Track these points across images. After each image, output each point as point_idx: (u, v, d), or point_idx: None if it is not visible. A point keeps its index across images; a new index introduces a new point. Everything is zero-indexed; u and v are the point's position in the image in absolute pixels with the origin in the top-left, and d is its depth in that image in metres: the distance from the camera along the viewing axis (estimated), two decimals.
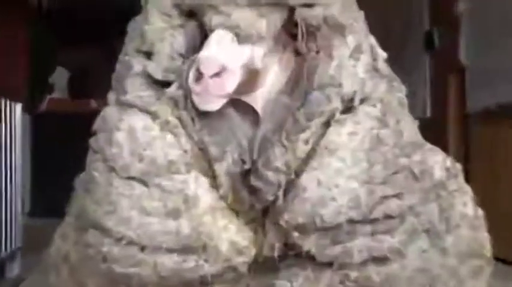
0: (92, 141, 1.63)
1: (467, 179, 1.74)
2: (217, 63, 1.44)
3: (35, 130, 6.33)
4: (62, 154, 6.01)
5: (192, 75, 1.47)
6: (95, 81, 7.29)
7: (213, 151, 1.53)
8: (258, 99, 1.54)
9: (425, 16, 4.68)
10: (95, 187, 1.56)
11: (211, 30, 1.50)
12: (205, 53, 1.46)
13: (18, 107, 3.86)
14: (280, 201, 1.51)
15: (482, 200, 1.73)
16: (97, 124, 1.63)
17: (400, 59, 4.68)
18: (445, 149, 1.73)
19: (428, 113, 4.56)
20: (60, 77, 7.15)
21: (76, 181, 1.70)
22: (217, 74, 1.44)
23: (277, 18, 1.52)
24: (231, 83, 1.46)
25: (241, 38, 1.49)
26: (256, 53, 1.51)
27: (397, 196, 1.53)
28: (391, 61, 1.66)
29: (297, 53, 1.56)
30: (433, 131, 1.67)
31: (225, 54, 1.46)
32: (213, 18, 1.50)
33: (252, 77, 1.52)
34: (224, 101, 1.49)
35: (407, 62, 4.59)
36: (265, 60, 1.53)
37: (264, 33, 1.51)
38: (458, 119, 4.32)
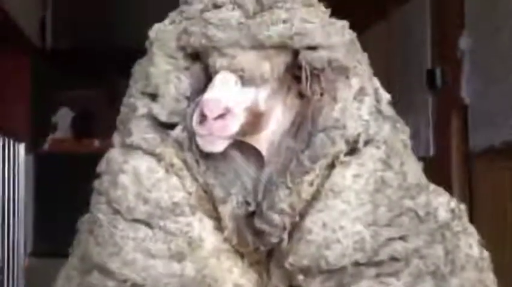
0: (96, 183, 1.63)
1: (471, 219, 1.74)
2: (221, 105, 1.45)
3: (38, 170, 6.33)
4: (65, 194, 6.00)
5: (196, 117, 1.48)
6: (99, 121, 7.33)
7: (218, 193, 1.53)
8: (262, 141, 1.55)
9: (427, 54, 4.69)
10: (99, 229, 1.56)
11: (216, 73, 1.52)
12: (209, 95, 1.47)
13: (22, 147, 3.87)
14: (285, 243, 1.51)
15: (487, 240, 1.73)
16: (102, 166, 1.64)
17: (402, 97, 4.69)
18: (448, 188, 1.73)
19: (432, 152, 4.55)
20: (63, 117, 7.17)
21: (79, 222, 1.70)
22: (220, 116, 1.45)
23: (281, 61, 1.53)
24: (234, 125, 1.47)
25: (245, 80, 1.50)
26: (260, 95, 1.53)
27: (402, 238, 1.53)
28: (392, 100, 1.67)
29: (301, 95, 1.57)
30: (436, 170, 1.67)
31: (228, 97, 1.47)
32: (218, 61, 1.51)
33: (255, 119, 1.53)
34: (227, 142, 1.50)
35: (410, 101, 4.60)
36: (269, 102, 1.54)
37: (267, 76, 1.52)
38: (461, 158, 4.31)
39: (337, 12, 1.64)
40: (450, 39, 4.33)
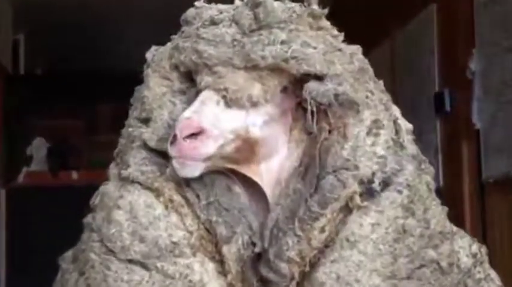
0: (88, 219, 1.60)
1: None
2: (193, 124, 1.43)
3: (11, 205, 6.31)
4: (40, 231, 5.99)
5: (170, 138, 1.46)
6: (76, 151, 7.33)
7: (222, 230, 1.50)
8: (264, 175, 1.53)
9: (434, 76, 4.67)
10: (91, 270, 1.52)
11: (200, 91, 1.50)
12: (184, 114, 1.45)
13: None
14: None
15: (503, 276, 1.71)
16: (94, 201, 1.61)
17: (409, 123, 4.69)
18: (460, 222, 1.73)
19: (441, 182, 4.53)
20: (39, 148, 7.17)
21: (60, 259, 1.66)
22: (192, 136, 1.43)
23: (276, 84, 1.51)
24: (207, 146, 1.45)
25: (229, 101, 1.48)
26: (250, 119, 1.50)
27: None
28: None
29: (309, 131, 1.54)
30: (446, 202, 1.66)
31: (205, 116, 1.45)
32: (204, 79, 1.49)
33: (247, 146, 1.50)
34: (203, 166, 1.47)
35: (416, 127, 4.58)
36: (266, 129, 1.51)
37: (257, 99, 1.49)
38: (473, 188, 4.26)
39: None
40: (459, 60, 4.29)
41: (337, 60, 1.53)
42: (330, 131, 1.52)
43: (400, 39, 5.20)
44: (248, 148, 1.51)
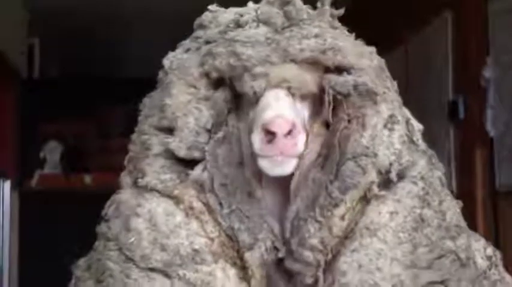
0: (102, 228, 1.58)
1: None
2: (289, 120, 1.42)
3: (24, 208, 6.34)
4: (53, 233, 6.01)
5: (259, 139, 1.43)
6: (89, 155, 7.35)
7: (244, 238, 1.49)
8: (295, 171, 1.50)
9: (448, 83, 4.66)
10: (110, 278, 1.50)
11: (256, 93, 1.49)
12: (270, 112, 1.43)
13: (7, 185, 3.87)
14: (321, 283, 1.46)
15: None
16: (109, 210, 1.59)
17: (423, 130, 4.68)
18: (472, 228, 1.70)
19: (454, 190, 4.52)
20: (52, 151, 7.19)
21: (74, 267, 1.65)
22: (289, 133, 1.42)
23: (316, 76, 1.51)
24: (301, 141, 1.45)
25: (294, 93, 1.49)
26: (305, 112, 1.53)
27: (443, 282, 1.49)
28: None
29: (328, 124, 1.54)
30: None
31: (290, 112, 1.45)
32: (257, 80, 1.48)
33: None
34: (295, 162, 1.47)
35: (429, 134, 4.57)
36: (308, 123, 1.53)
37: (312, 89, 1.51)
38: (487, 197, 4.27)
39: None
40: (473, 68, 4.29)
41: (363, 54, 1.56)
42: (349, 121, 1.52)
43: (413, 46, 5.20)
44: None
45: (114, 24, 7.24)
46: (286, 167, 1.46)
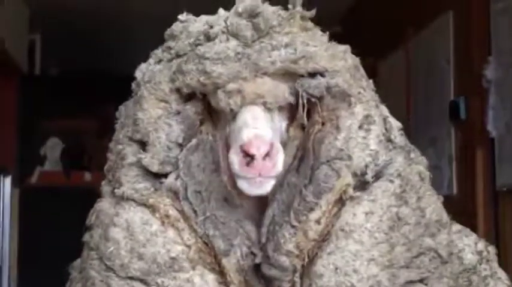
0: (86, 237, 1.61)
1: (498, 263, 1.71)
2: (266, 141, 1.43)
3: (24, 205, 6.33)
4: (52, 231, 6.01)
5: (238, 160, 1.44)
6: (90, 152, 7.35)
7: (219, 244, 1.50)
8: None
9: (449, 84, 4.66)
10: None
11: (232, 111, 1.50)
12: (248, 132, 1.44)
13: (7, 181, 3.88)
14: None
15: None
16: (91, 219, 1.61)
17: (423, 130, 4.69)
18: (473, 228, 1.72)
19: (455, 191, 4.53)
20: (53, 148, 7.18)
21: (70, 267, 1.68)
22: (267, 154, 1.43)
23: (290, 84, 1.51)
24: (280, 161, 1.45)
25: (270, 108, 1.50)
26: (283, 124, 1.54)
27: (423, 281, 1.50)
28: (415, 133, 1.66)
29: (302, 126, 1.54)
30: (460, 210, 1.66)
31: (267, 131, 1.46)
32: (232, 98, 1.49)
33: None
34: (274, 182, 1.47)
35: (431, 134, 4.59)
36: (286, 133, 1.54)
37: (288, 99, 1.51)
38: (487, 197, 4.25)
39: (350, 39, 1.65)
40: (475, 68, 4.29)
41: (336, 56, 1.55)
42: (323, 124, 1.53)
43: (415, 46, 5.19)
44: None
45: (115, 21, 7.23)
46: (265, 187, 1.47)
